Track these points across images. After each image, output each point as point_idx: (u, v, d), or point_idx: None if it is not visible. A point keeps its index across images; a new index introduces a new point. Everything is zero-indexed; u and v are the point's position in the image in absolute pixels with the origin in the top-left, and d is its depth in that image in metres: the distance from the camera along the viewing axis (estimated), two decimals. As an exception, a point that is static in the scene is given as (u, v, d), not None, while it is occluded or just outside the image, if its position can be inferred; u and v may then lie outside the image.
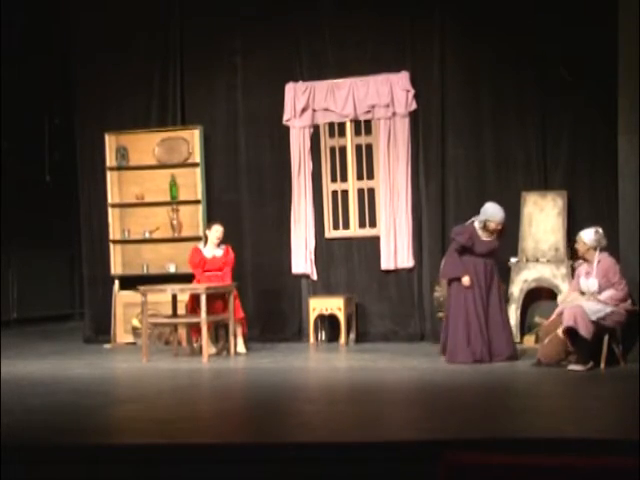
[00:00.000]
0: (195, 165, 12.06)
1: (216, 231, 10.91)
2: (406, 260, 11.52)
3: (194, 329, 10.64)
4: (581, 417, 6.73)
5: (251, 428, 6.77)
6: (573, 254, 10.26)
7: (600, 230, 9.20)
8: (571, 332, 8.87)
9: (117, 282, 12.22)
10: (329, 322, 11.52)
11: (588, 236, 9.15)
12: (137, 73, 12.36)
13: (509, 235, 11.01)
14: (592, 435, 5.94)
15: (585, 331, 8.78)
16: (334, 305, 11.29)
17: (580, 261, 9.35)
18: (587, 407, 7.14)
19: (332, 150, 11.86)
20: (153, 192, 12.23)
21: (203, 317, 10.07)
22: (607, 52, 10.21)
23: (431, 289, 11.12)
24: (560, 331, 8.93)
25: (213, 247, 10.93)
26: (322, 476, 5.56)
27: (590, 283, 9.09)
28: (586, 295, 9.13)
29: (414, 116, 11.53)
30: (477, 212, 11.39)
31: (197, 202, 12.04)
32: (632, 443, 5.43)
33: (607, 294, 8.99)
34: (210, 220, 11.44)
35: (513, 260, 10.89)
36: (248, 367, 9.85)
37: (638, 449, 5.25)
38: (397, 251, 11.53)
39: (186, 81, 12.33)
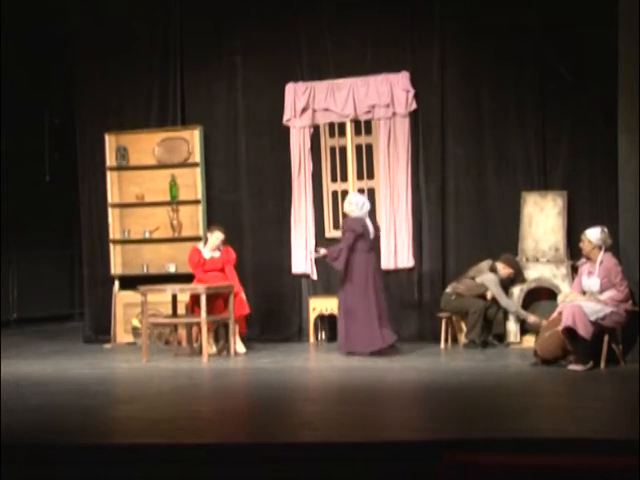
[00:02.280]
0: (195, 165, 12.06)
1: (216, 238, 10.93)
2: (406, 260, 11.52)
3: (197, 328, 10.65)
4: (581, 417, 6.72)
5: (251, 428, 6.77)
6: (578, 253, 10.29)
7: (606, 229, 9.20)
8: (570, 332, 8.87)
9: (117, 282, 12.22)
10: (329, 322, 11.52)
11: (594, 235, 9.15)
12: (137, 73, 12.36)
13: (509, 235, 11.04)
14: (592, 435, 5.94)
15: (584, 331, 8.78)
16: (334, 305, 11.26)
17: (583, 260, 9.34)
18: (587, 407, 7.13)
19: (332, 150, 11.86)
20: (153, 192, 12.22)
21: (203, 317, 10.08)
22: (607, 52, 10.21)
23: (443, 287, 11.09)
24: (560, 329, 8.92)
25: (211, 250, 10.95)
26: (322, 476, 5.57)
27: (592, 283, 9.08)
28: (587, 295, 9.13)
29: (414, 116, 11.53)
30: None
31: (197, 202, 12.04)
32: (632, 443, 5.43)
33: (608, 294, 8.99)
34: (213, 223, 11.40)
35: (513, 260, 10.88)
36: (248, 367, 9.85)
37: (638, 449, 5.25)
38: (397, 251, 11.53)
39: (186, 81, 12.32)
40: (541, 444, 5.67)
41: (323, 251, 10.46)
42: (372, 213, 10.76)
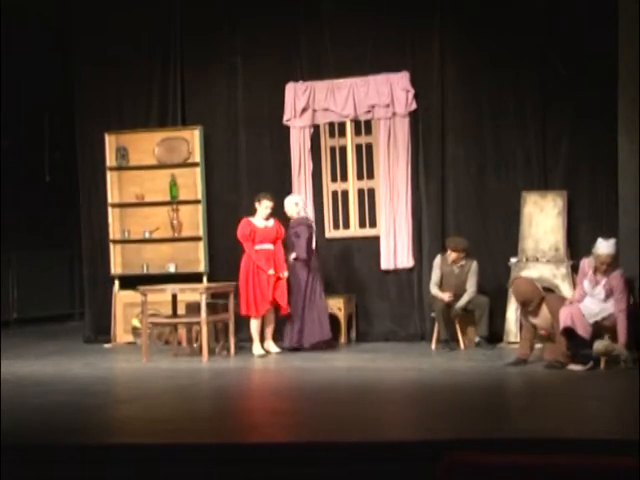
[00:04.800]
0: (195, 165, 12.06)
1: (266, 207, 10.82)
2: (406, 260, 11.52)
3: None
4: (581, 417, 6.73)
5: (251, 428, 6.77)
6: (578, 253, 10.27)
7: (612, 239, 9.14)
8: (569, 332, 8.85)
9: (117, 282, 12.22)
10: (329, 322, 11.50)
11: (611, 246, 8.96)
12: (137, 73, 12.36)
13: (509, 235, 11.04)
14: (592, 435, 5.94)
15: (583, 331, 8.77)
16: (334, 305, 11.28)
17: (584, 259, 9.28)
18: (587, 407, 7.14)
19: (332, 150, 11.86)
20: (153, 192, 12.22)
21: (203, 317, 10.09)
22: (607, 52, 10.22)
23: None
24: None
25: (263, 219, 10.86)
26: (322, 476, 5.56)
27: (596, 291, 9.00)
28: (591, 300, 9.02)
29: (414, 116, 11.53)
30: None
31: (197, 202, 12.04)
32: (632, 443, 5.43)
33: (611, 302, 8.94)
34: (260, 193, 11.01)
35: (513, 260, 10.88)
36: (248, 367, 9.86)
37: (638, 449, 5.24)
38: (397, 251, 11.53)
39: (186, 81, 12.32)
40: (541, 444, 5.68)
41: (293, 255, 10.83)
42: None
